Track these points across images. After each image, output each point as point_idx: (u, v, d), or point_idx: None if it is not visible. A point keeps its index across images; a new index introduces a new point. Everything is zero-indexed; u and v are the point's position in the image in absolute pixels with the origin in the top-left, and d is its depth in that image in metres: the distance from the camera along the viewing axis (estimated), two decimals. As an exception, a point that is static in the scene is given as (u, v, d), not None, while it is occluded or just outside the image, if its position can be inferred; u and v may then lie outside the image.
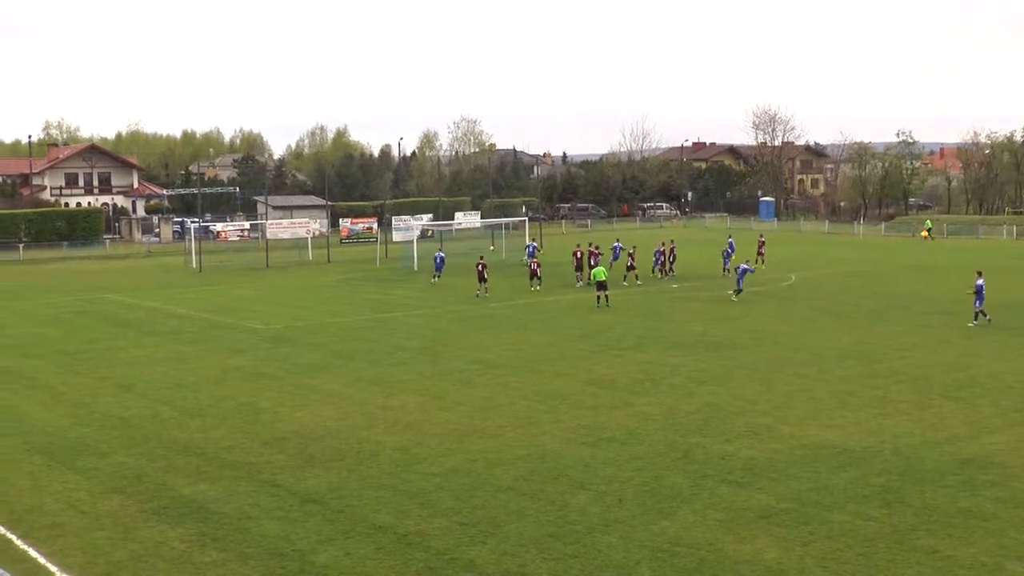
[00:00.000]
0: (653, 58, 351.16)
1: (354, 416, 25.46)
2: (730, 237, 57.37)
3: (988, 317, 39.64)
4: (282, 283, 59.53)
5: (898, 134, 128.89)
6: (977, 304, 39.94)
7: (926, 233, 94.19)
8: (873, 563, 15.74)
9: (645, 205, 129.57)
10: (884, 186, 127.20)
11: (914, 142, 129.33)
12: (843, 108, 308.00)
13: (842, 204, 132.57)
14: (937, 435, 22.97)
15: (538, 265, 53.40)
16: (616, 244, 66.02)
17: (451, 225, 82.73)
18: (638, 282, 53.88)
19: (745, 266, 49.01)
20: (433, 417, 25.24)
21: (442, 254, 59.49)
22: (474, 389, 28.47)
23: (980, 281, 40.22)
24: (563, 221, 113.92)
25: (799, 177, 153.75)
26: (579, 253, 55.47)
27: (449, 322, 42.03)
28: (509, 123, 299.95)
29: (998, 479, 19.75)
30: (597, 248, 55.73)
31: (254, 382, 29.97)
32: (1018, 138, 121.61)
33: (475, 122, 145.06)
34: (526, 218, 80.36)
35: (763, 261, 62.68)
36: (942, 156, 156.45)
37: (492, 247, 68.78)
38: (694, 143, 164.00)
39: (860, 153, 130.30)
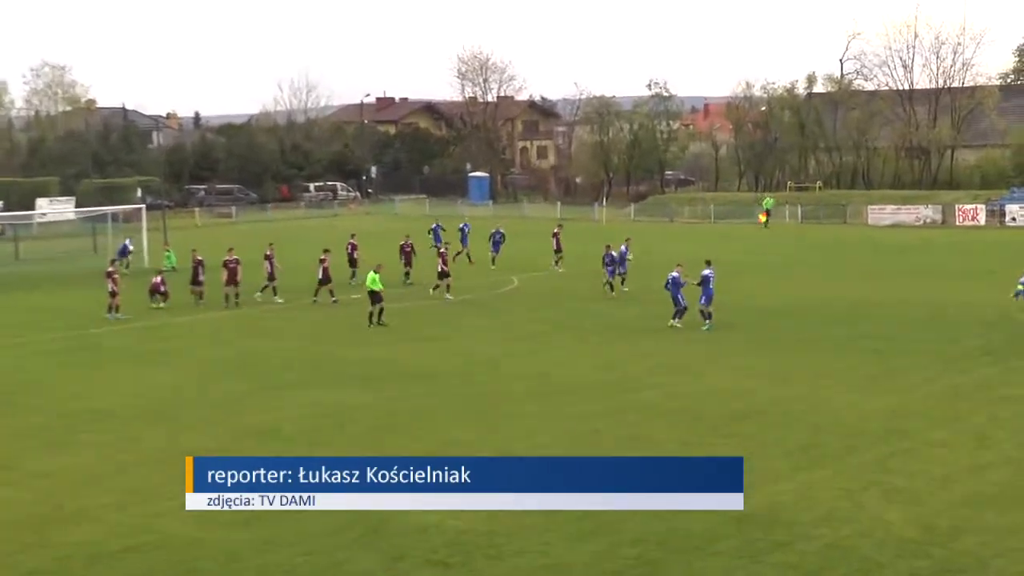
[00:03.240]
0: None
1: None
2: (625, 243, 56.30)
3: (709, 324, 42.68)
4: None
5: (650, 85, 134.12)
6: (702, 301, 42.83)
7: (764, 216, 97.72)
8: (626, 665, 16.13)
9: (313, 185, 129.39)
10: (633, 155, 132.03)
11: (671, 96, 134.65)
12: (577, 54, 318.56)
13: (578, 180, 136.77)
14: (706, 486, 23.84)
15: (161, 281, 52.49)
16: (463, 226, 67.84)
17: (31, 217, 79.73)
18: (448, 295, 52.56)
19: (675, 275, 44.48)
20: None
21: (502, 231, 66.10)
22: (66, 453, 27.53)
23: (707, 271, 42.95)
24: (197, 209, 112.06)
25: (521, 144, 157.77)
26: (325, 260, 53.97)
27: (35, 356, 40.86)
28: (115, 72, 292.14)
29: (784, 540, 20.72)
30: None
31: None
32: (801, 91, 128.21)
33: (64, 69, 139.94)
34: (143, 205, 78.37)
35: (560, 261, 63.64)
36: (707, 115, 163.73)
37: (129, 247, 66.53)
38: (379, 99, 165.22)
39: (601, 111, 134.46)
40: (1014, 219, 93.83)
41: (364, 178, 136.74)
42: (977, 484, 23.91)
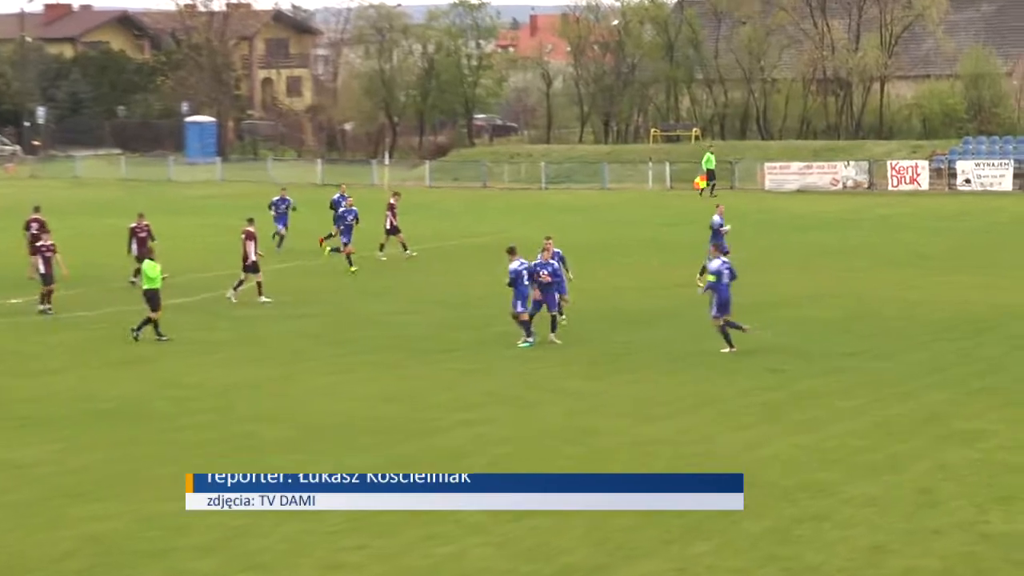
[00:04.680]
0: None
1: None
2: (718, 212, 55.88)
3: (530, 338, 42.93)
4: None
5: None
6: (517, 306, 42.90)
7: (701, 180, 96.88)
8: None
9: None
10: (428, 91, 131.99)
11: (481, 4, 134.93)
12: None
13: (348, 127, 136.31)
14: (547, 567, 23.99)
15: None
16: (339, 198, 66.16)
17: None
18: (262, 297, 52.66)
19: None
20: None
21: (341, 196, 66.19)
22: None
23: (516, 264, 42.95)
24: None
25: (264, 75, 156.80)
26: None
27: None
28: None
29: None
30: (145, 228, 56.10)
31: None
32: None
33: None
34: None
35: (403, 244, 63.88)
36: (534, 33, 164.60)
37: None
38: (48, 6, 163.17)
39: (380, 27, 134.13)
40: (968, 181, 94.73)
41: (27, 124, 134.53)
42: (918, 558, 24.12)
